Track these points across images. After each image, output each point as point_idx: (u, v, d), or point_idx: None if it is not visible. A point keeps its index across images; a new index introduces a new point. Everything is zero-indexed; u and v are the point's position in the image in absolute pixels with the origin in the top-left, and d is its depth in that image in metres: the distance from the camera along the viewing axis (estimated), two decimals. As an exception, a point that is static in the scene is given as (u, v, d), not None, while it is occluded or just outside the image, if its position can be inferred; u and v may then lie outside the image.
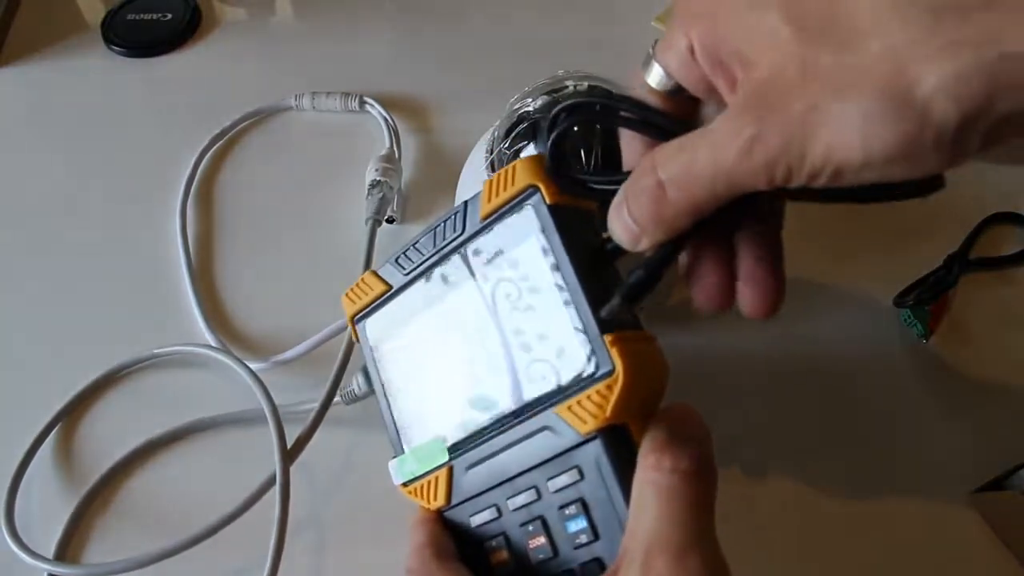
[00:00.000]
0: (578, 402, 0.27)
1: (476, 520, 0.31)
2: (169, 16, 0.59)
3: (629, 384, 0.27)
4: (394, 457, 0.34)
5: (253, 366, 0.41)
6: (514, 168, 0.30)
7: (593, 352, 0.27)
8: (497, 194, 0.31)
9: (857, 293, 0.45)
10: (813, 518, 0.38)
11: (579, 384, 0.27)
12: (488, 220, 0.31)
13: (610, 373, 0.27)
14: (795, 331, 0.43)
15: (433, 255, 0.33)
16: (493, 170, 0.42)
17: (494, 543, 0.30)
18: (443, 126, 0.53)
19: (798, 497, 0.38)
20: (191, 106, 0.55)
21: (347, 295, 0.36)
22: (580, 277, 0.28)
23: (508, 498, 0.30)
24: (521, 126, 0.41)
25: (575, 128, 0.30)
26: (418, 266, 0.33)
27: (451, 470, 0.32)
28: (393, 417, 0.34)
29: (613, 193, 0.27)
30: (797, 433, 0.40)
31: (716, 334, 0.43)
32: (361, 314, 0.35)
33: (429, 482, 0.32)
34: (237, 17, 0.61)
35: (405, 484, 0.33)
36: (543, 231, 0.29)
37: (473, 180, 0.44)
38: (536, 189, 0.29)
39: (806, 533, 0.38)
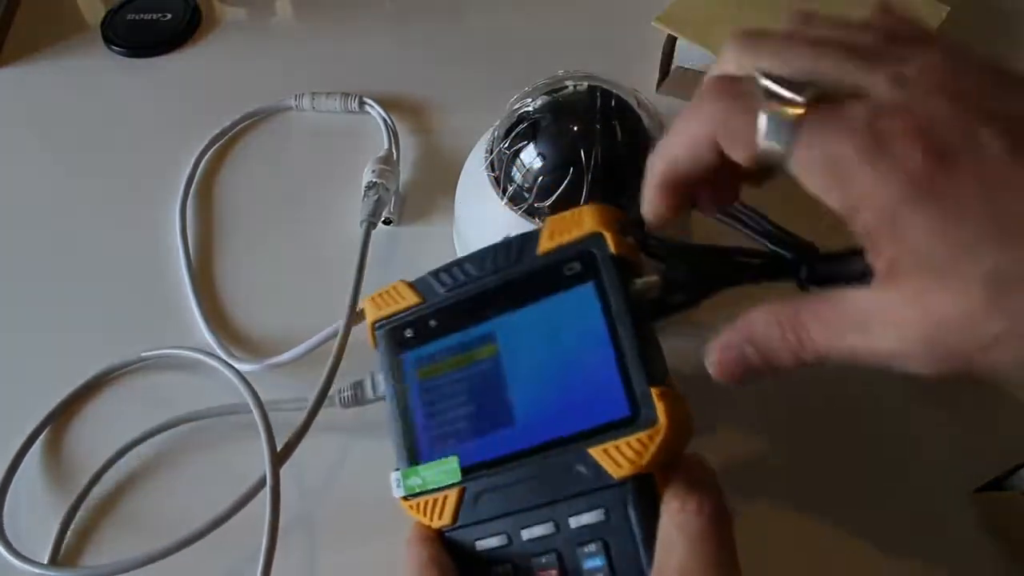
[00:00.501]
0: (615, 446, 0.28)
1: (482, 544, 0.31)
2: (169, 16, 0.59)
3: (669, 437, 0.28)
4: (397, 469, 0.33)
5: (247, 368, 0.41)
6: (581, 212, 0.32)
7: (637, 401, 0.29)
8: (560, 233, 0.32)
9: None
10: (812, 517, 0.38)
11: (617, 429, 0.29)
12: (546, 257, 0.32)
13: (652, 424, 0.28)
14: (795, 331, 0.43)
15: (481, 278, 0.33)
16: (493, 170, 0.42)
17: (500, 570, 0.30)
18: (443, 126, 0.53)
19: (796, 496, 0.38)
20: (191, 106, 0.55)
21: (373, 299, 0.36)
22: (633, 327, 0.30)
23: (522, 527, 0.30)
24: (521, 126, 0.41)
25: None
26: (461, 285, 0.34)
27: (463, 491, 0.31)
28: (404, 429, 0.33)
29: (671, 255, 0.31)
30: (796, 432, 0.40)
31: (714, 335, 0.43)
32: (384, 321, 0.35)
33: (436, 500, 0.32)
34: (237, 17, 0.61)
35: (407, 498, 0.32)
36: (602, 278, 0.31)
37: (473, 181, 0.44)
38: (601, 236, 0.31)
39: (804, 532, 0.38)
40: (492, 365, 0.32)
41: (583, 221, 0.32)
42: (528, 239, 0.33)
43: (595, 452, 0.29)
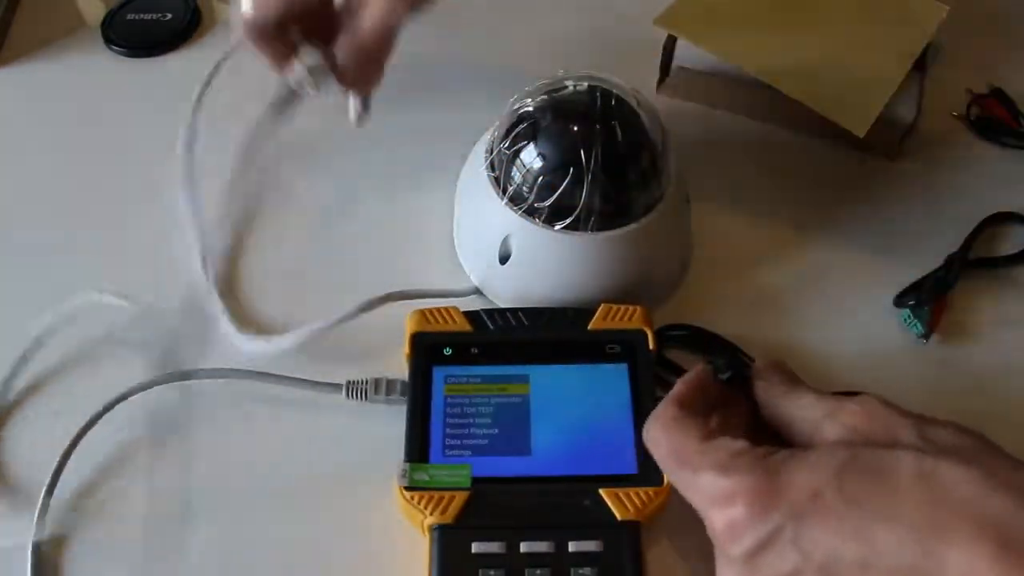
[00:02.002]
0: (625, 493, 0.34)
1: (478, 547, 0.34)
2: (169, 16, 0.59)
3: (668, 497, 0.34)
4: (406, 461, 0.36)
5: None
6: (635, 311, 0.39)
7: (648, 464, 0.34)
8: (612, 320, 0.39)
9: (857, 293, 0.45)
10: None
11: (626, 480, 0.35)
12: (594, 333, 0.39)
13: (658, 483, 0.35)
14: (794, 331, 0.43)
15: (531, 329, 0.40)
16: (493, 170, 0.42)
17: (492, 573, 0.33)
18: (443, 126, 0.53)
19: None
20: (191, 106, 0.55)
21: (422, 313, 0.40)
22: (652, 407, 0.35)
23: (522, 540, 0.33)
24: (521, 126, 0.41)
25: None
26: (512, 329, 0.40)
27: (470, 496, 0.35)
28: (419, 430, 0.37)
29: None
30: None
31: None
32: (426, 335, 0.39)
33: (442, 496, 0.35)
34: (237, 17, 0.61)
35: (409, 488, 0.35)
36: (636, 364, 0.38)
37: (473, 181, 0.44)
38: (644, 334, 0.39)
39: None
40: (521, 401, 0.38)
41: (634, 317, 0.39)
42: (583, 313, 0.40)
43: (605, 493, 0.34)
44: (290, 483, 0.39)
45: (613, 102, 0.41)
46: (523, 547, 0.33)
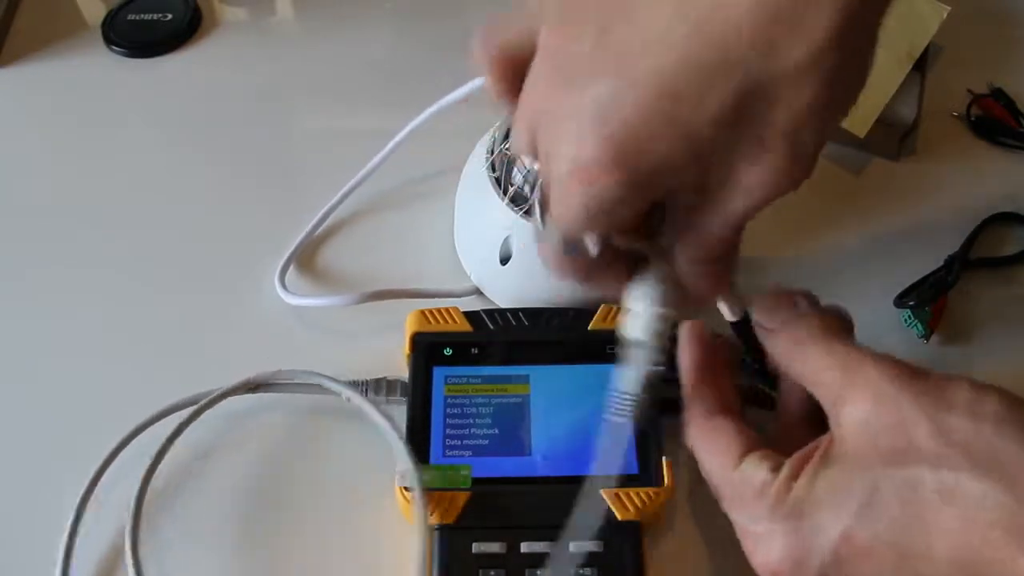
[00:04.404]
0: (626, 493, 0.35)
1: (478, 548, 0.34)
2: (169, 16, 0.59)
3: (669, 497, 0.35)
4: (407, 462, 0.35)
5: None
6: None
7: (648, 464, 0.35)
8: (612, 320, 0.39)
9: (857, 293, 0.45)
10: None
11: (627, 481, 0.35)
12: (594, 333, 0.39)
13: (659, 484, 0.35)
14: (795, 331, 0.43)
15: (531, 329, 0.40)
16: (494, 170, 0.42)
17: (492, 573, 0.33)
18: (443, 126, 0.53)
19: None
20: (191, 106, 0.55)
21: (423, 313, 0.40)
22: (655, 409, 0.34)
23: (523, 541, 0.34)
24: (522, 126, 0.41)
25: None
26: (512, 329, 0.40)
27: (471, 497, 0.35)
28: (419, 430, 0.37)
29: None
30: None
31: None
32: (427, 335, 0.39)
33: (442, 496, 0.35)
34: (237, 17, 0.61)
35: (409, 489, 0.35)
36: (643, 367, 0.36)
37: (473, 181, 0.44)
38: None
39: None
40: (520, 401, 0.38)
41: None
42: (583, 313, 0.40)
43: (606, 493, 0.34)
44: (291, 484, 0.39)
45: (613, 102, 0.40)
46: (523, 547, 0.34)
